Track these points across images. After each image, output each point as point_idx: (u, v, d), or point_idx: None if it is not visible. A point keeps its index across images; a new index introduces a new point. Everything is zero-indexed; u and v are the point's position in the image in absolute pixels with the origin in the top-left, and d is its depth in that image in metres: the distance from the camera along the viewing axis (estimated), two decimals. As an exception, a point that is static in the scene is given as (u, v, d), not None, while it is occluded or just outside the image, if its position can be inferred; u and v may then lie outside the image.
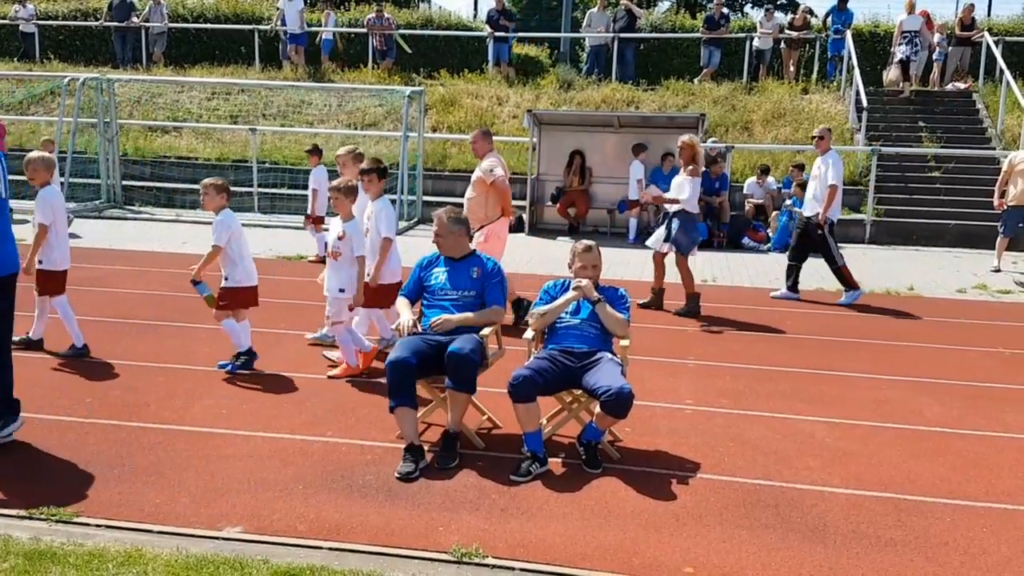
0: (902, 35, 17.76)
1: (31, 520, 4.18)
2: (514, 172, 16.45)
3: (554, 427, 5.29)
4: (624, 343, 5.23)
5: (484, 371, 5.29)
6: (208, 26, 21.92)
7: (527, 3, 37.41)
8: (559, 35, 22.51)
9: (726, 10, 20.81)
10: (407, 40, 20.74)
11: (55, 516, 4.21)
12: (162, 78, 19.60)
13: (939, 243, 13.93)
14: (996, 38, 17.45)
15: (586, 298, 5.27)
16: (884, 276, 11.33)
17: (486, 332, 5.28)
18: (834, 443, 5.47)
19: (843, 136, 16.73)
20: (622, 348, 5.21)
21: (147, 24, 21.21)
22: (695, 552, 4.02)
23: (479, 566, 3.89)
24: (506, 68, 20.19)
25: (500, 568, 3.88)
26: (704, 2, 34.57)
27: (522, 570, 3.86)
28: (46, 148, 13.04)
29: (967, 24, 18.15)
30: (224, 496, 4.47)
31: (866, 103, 15.98)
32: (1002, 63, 16.51)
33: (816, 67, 19.84)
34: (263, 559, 3.84)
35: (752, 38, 19.48)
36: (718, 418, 5.87)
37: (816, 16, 20.27)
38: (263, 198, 16.20)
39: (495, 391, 5.58)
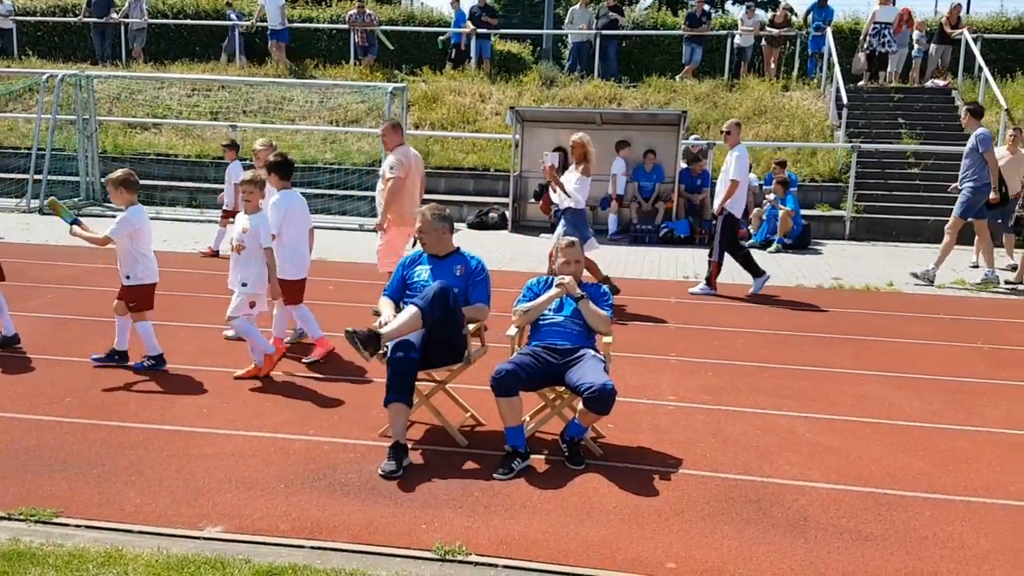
0: (873, 25, 17.91)
1: (10, 521, 4.14)
2: (497, 169, 16.51)
3: (537, 424, 5.29)
4: (607, 340, 5.24)
5: (467, 368, 5.28)
6: (188, 22, 21.77)
7: (509, 0, 37.36)
8: (541, 32, 22.49)
9: (707, 7, 20.89)
10: (389, 36, 20.68)
11: (34, 516, 4.17)
12: (142, 74, 19.45)
13: (918, 239, 14.03)
14: (975, 35, 17.59)
15: (569, 295, 5.28)
16: (864, 272, 11.40)
17: (471, 329, 5.28)
18: (814, 438, 5.50)
19: (823, 133, 16.84)
20: (605, 345, 5.22)
21: (126, 20, 21.04)
22: (677, 547, 4.04)
23: (462, 563, 3.89)
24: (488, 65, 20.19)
25: (483, 565, 3.88)
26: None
27: (505, 567, 3.87)
28: None
29: (953, 23, 18.26)
30: (205, 495, 4.45)
31: (846, 100, 16.07)
32: (981, 60, 16.65)
33: (797, 64, 19.94)
34: (244, 559, 3.83)
35: (733, 35, 19.55)
36: (700, 414, 5.90)
37: (796, 14, 20.36)
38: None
39: (478, 388, 5.57)
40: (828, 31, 18.23)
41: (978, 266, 11.86)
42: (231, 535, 4.07)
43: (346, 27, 20.51)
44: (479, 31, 20.07)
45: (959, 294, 10.43)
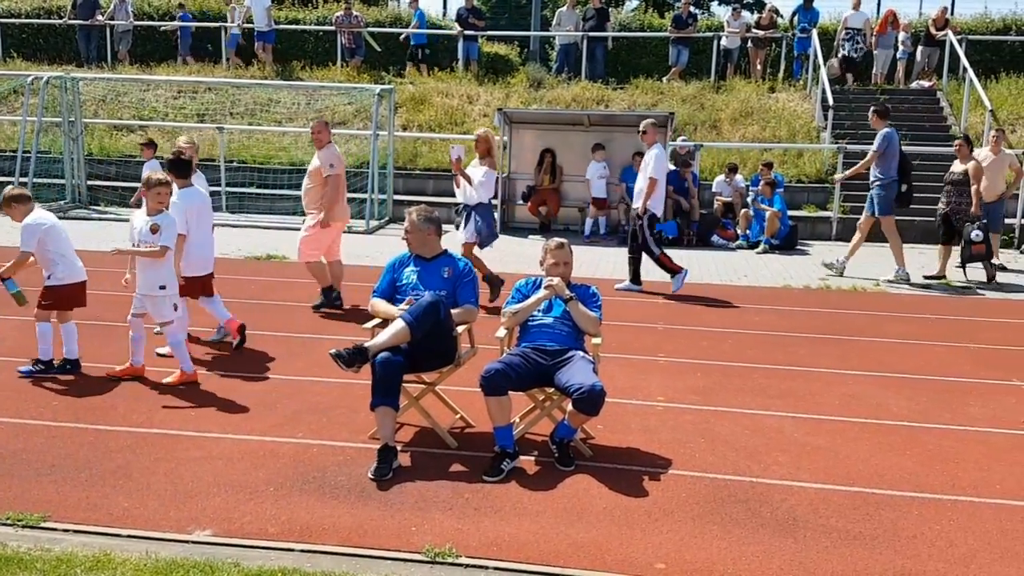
0: (845, 31, 18.05)
1: (-4, 526, 4.12)
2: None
3: (527, 425, 5.29)
4: (596, 341, 5.25)
5: (457, 370, 5.28)
6: (174, 24, 21.66)
7: (496, 2, 37.37)
8: (529, 34, 22.52)
9: (694, 9, 20.95)
10: (376, 38, 20.64)
11: (21, 521, 4.15)
12: (127, 76, 19.34)
13: (904, 240, 14.05)
14: (959, 36, 17.70)
15: (558, 296, 5.28)
16: (850, 272, 11.46)
17: (460, 331, 5.28)
18: (802, 438, 5.52)
19: (810, 134, 16.91)
20: (594, 346, 5.23)
21: (112, 22, 20.94)
22: (667, 548, 4.05)
23: (452, 566, 3.88)
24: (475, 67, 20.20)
25: (473, 567, 3.88)
26: (672, 1, 34.74)
27: (495, 569, 3.87)
28: None
29: (940, 25, 18.37)
30: (194, 499, 4.43)
31: (832, 101, 16.15)
32: (965, 61, 16.75)
33: (783, 66, 20.01)
34: (234, 562, 3.81)
35: (719, 37, 19.61)
36: (688, 415, 5.91)
37: (782, 15, 20.46)
38: (231, 197, 16.03)
39: (468, 390, 5.57)
40: (814, 33, 18.32)
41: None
42: (220, 539, 4.05)
43: (333, 29, 20.48)
44: (466, 33, 20.07)
45: (944, 295, 10.50)
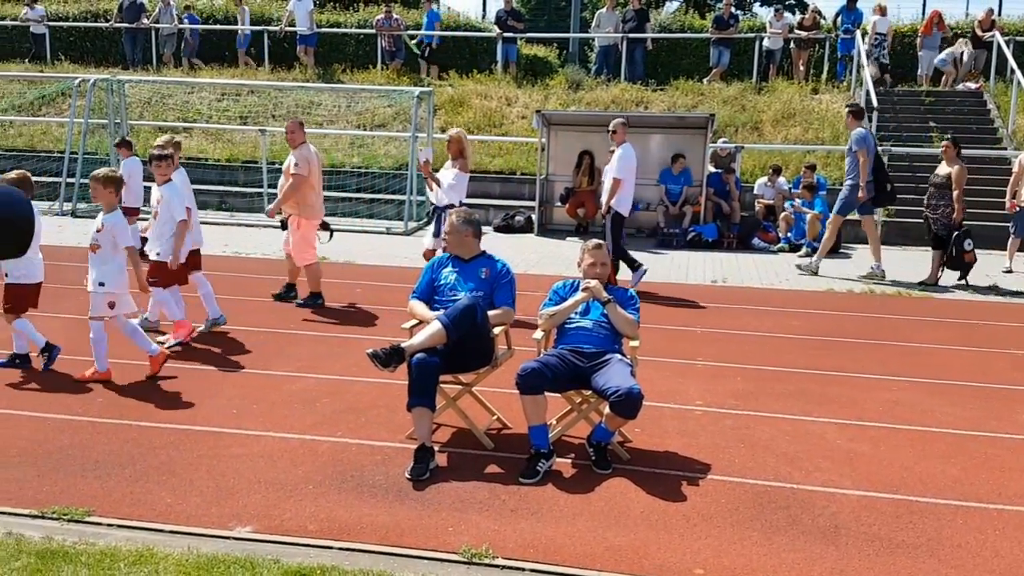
0: (875, 36, 17.99)
1: (43, 520, 4.20)
2: (523, 172, 16.52)
3: (564, 427, 5.28)
4: (634, 344, 5.23)
5: (493, 371, 5.29)
6: (218, 27, 21.98)
7: (536, 4, 37.40)
8: (568, 35, 22.49)
9: (735, 10, 20.78)
10: (418, 43, 20.78)
11: (67, 515, 4.22)
12: (172, 79, 19.66)
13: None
14: (1007, 38, 17.35)
15: (596, 298, 5.26)
16: (895, 276, 11.28)
17: (496, 332, 5.29)
18: (845, 444, 5.44)
19: (853, 136, 16.65)
20: (632, 349, 5.20)
21: (157, 25, 21.30)
22: (705, 554, 4.01)
23: (489, 567, 3.88)
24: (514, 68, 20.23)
25: (510, 569, 3.87)
26: (713, 2, 34.52)
27: (532, 571, 3.86)
28: None
29: (987, 27, 18.04)
30: (235, 496, 4.48)
31: (876, 103, 15.92)
32: (1013, 63, 16.41)
33: (826, 67, 19.78)
34: (274, 559, 3.85)
35: (761, 38, 19.44)
36: (728, 419, 5.86)
37: (825, 16, 20.22)
38: (273, 199, 16.16)
39: (505, 391, 5.57)
40: (857, 33, 18.09)
41: (1011, 271, 11.75)
42: (260, 535, 4.10)
43: (373, 32, 20.64)
44: (505, 35, 20.10)
45: (989, 299, 10.29)
